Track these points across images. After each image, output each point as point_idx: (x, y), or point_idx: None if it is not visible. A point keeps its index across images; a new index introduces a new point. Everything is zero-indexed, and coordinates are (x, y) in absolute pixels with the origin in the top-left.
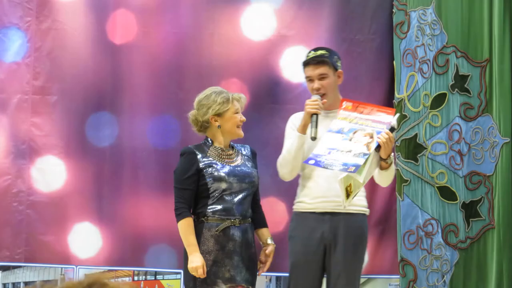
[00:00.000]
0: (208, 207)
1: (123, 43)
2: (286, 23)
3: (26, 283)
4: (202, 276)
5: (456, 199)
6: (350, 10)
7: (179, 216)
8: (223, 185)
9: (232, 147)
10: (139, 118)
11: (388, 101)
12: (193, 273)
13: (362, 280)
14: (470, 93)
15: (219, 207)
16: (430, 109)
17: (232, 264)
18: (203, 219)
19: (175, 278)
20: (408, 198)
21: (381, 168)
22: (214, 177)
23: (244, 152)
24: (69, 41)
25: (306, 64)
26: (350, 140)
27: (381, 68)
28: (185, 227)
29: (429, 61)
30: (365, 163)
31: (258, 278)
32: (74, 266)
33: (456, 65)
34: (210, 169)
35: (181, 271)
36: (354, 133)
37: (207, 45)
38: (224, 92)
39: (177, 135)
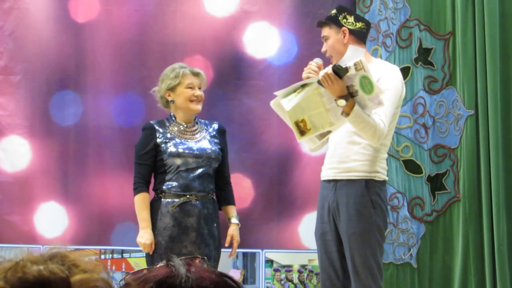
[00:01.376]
0: (165, 183)
1: (86, 21)
2: None
3: None
4: (149, 252)
5: (422, 172)
6: None
7: (135, 191)
8: (178, 161)
9: (197, 123)
10: (103, 96)
11: None
12: (141, 247)
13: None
14: (433, 66)
15: (175, 183)
16: None
17: (189, 240)
18: (160, 195)
19: (142, 256)
20: None
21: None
22: (170, 153)
23: (209, 129)
24: (31, 20)
25: None
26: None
27: None
28: (140, 202)
29: (393, 34)
30: (295, 90)
31: (224, 254)
32: (40, 246)
33: (420, 38)
34: (167, 144)
35: None
36: None
37: (170, 22)
38: (179, 67)
39: (141, 113)
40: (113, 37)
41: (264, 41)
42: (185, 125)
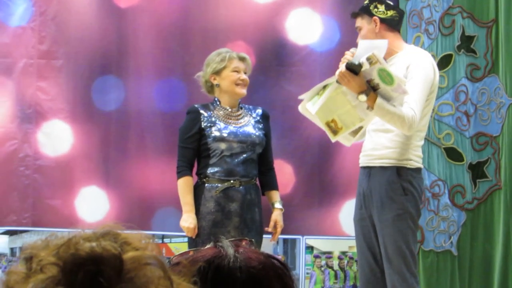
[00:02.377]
0: (209, 168)
1: (128, 6)
2: None
3: None
4: (192, 236)
5: (463, 160)
6: None
7: (179, 174)
8: (223, 146)
9: (241, 108)
10: (145, 81)
11: None
12: (184, 231)
13: None
14: (476, 53)
15: (219, 168)
16: None
17: (232, 225)
18: (204, 179)
19: (182, 241)
20: None
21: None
22: (214, 137)
23: (253, 114)
24: (74, 5)
25: None
26: None
27: None
28: (183, 186)
29: (435, 22)
30: (318, 92)
31: (265, 240)
32: (81, 230)
33: (462, 26)
34: (211, 128)
35: None
36: None
37: (212, 7)
38: (226, 51)
39: (183, 98)
40: (155, 22)
41: (307, 28)
42: (230, 110)
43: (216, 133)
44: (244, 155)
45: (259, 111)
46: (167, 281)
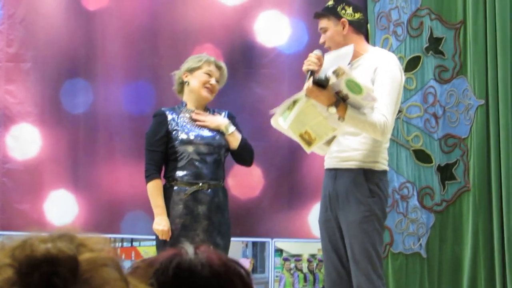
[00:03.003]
0: (177, 171)
1: (97, 9)
2: None
3: None
4: (167, 239)
5: (432, 162)
6: None
7: (148, 178)
8: (190, 148)
9: (208, 110)
10: (114, 84)
11: None
12: (158, 234)
13: None
14: (444, 55)
15: (187, 171)
16: (404, 71)
17: (201, 228)
18: (172, 183)
19: (151, 245)
20: None
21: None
22: (181, 140)
23: (222, 115)
24: (42, 7)
25: None
26: None
27: None
28: (153, 189)
29: (403, 23)
30: (288, 107)
31: (233, 243)
32: (37, 232)
33: (430, 28)
34: (178, 131)
35: None
36: None
37: (181, 10)
38: (206, 55)
39: (152, 101)
40: (124, 25)
41: (275, 30)
42: (196, 112)
43: (183, 136)
44: (211, 157)
45: (224, 113)
46: (123, 282)
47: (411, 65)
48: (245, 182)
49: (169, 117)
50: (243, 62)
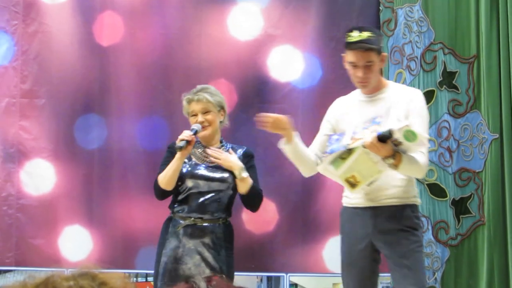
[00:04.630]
0: (176, 204)
1: (110, 44)
2: (273, 23)
3: None
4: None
5: (446, 196)
6: (337, 9)
7: (155, 181)
8: (190, 183)
9: (222, 146)
10: (128, 119)
11: None
12: (181, 139)
13: None
14: (458, 89)
15: (185, 205)
16: None
17: (192, 262)
18: (172, 214)
19: None
20: None
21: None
22: (182, 173)
23: (233, 153)
24: (56, 43)
25: (351, 47)
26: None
27: None
28: (161, 176)
29: (417, 58)
30: (342, 156)
31: (249, 278)
32: (65, 270)
33: (444, 62)
34: (185, 165)
35: None
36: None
37: (194, 45)
38: (187, 95)
39: (166, 136)
40: (138, 60)
41: (288, 65)
42: (206, 147)
43: (184, 170)
44: (211, 194)
45: (241, 150)
46: None
47: (425, 99)
48: (259, 217)
49: None
50: (257, 97)
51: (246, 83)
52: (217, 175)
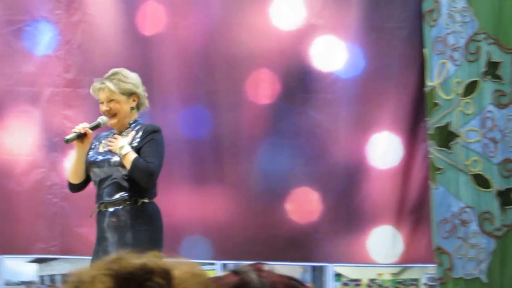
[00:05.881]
0: None
1: (153, 34)
2: (316, 12)
3: (63, 275)
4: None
5: (491, 187)
6: None
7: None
8: (90, 173)
9: (129, 128)
10: (170, 109)
11: (418, 88)
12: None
13: (397, 270)
14: (502, 79)
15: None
16: (462, 96)
17: (102, 249)
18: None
19: (210, 269)
20: (442, 186)
21: None
22: (86, 163)
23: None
24: (99, 33)
25: None
26: None
27: (411, 56)
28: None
29: (460, 48)
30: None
31: (292, 268)
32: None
33: (488, 52)
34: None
35: (216, 261)
36: None
37: (236, 35)
38: (95, 82)
39: (208, 125)
40: (180, 49)
41: (331, 55)
42: (110, 135)
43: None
44: (106, 179)
45: (143, 127)
46: None
47: (468, 90)
48: (303, 207)
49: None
50: (300, 87)
51: (289, 73)
52: (106, 159)
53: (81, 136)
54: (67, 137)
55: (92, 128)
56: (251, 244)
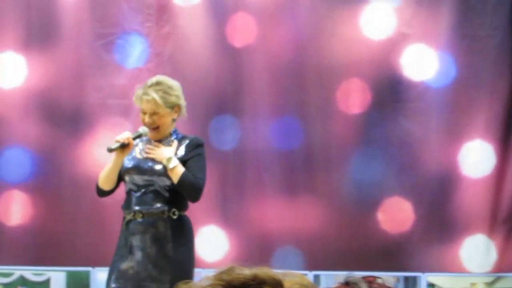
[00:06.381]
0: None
1: (243, 45)
2: (406, 21)
3: None
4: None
5: None
6: (470, 6)
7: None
8: (127, 178)
9: (173, 140)
10: (261, 120)
11: (511, 96)
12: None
13: (491, 279)
14: None
15: (125, 200)
16: None
17: (135, 259)
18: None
19: None
20: None
21: None
22: (122, 168)
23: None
24: (189, 45)
25: None
26: None
27: (504, 63)
28: (100, 174)
29: None
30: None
31: (385, 278)
32: (201, 270)
33: None
34: (124, 160)
35: (308, 272)
36: None
37: (326, 45)
38: (141, 88)
39: (300, 136)
40: (270, 60)
41: (422, 63)
42: (148, 142)
43: (124, 164)
44: (146, 187)
45: (187, 140)
46: None
47: None
48: (395, 217)
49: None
50: (391, 96)
51: (379, 82)
52: (149, 167)
53: (124, 146)
54: (112, 146)
55: (134, 138)
56: (343, 254)
